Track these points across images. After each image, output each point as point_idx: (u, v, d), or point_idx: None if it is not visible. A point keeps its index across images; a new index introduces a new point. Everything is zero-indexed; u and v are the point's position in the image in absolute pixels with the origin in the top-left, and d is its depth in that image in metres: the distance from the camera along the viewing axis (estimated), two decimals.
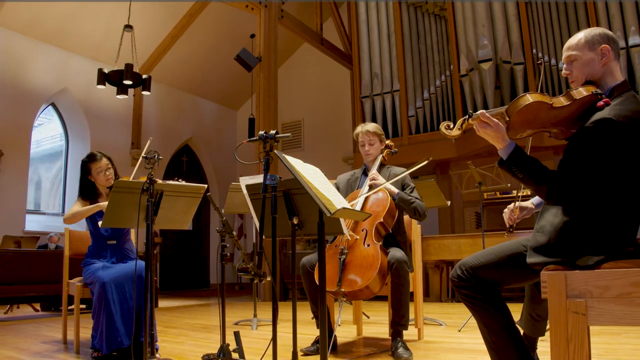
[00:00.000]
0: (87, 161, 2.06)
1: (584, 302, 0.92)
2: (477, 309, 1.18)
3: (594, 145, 1.00)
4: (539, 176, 1.05)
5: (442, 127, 1.17)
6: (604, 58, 1.11)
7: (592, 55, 1.11)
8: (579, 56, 1.12)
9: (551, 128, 1.13)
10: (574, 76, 1.15)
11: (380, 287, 1.77)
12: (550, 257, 1.04)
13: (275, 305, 1.35)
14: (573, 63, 1.14)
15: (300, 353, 1.80)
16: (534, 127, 1.12)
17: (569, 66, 1.15)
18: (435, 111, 5.19)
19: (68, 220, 1.98)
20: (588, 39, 1.12)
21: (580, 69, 1.13)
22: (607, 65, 1.11)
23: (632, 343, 1.90)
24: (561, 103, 1.07)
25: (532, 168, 1.06)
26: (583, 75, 1.13)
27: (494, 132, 1.07)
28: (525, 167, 1.06)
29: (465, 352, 1.84)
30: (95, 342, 1.81)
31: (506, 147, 1.07)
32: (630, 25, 4.18)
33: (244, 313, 3.51)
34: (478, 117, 1.09)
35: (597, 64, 1.11)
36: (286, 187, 1.40)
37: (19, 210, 4.96)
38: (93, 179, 2.06)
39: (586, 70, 1.12)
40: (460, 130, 1.14)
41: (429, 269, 4.12)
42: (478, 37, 4.74)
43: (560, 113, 1.07)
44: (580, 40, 1.13)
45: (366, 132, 2.05)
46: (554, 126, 1.12)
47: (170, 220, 1.76)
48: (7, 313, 3.86)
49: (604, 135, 1.00)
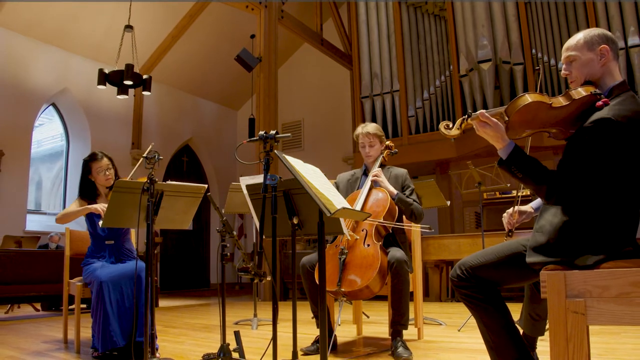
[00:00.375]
0: (88, 160, 2.07)
1: (583, 302, 0.93)
2: (476, 309, 1.19)
3: (593, 145, 1.01)
4: (538, 176, 1.05)
5: (441, 127, 1.18)
6: (602, 58, 1.11)
7: (591, 56, 1.12)
8: (578, 56, 1.13)
9: (550, 128, 1.14)
10: (573, 76, 1.15)
11: (380, 287, 1.77)
12: (550, 256, 1.05)
13: (275, 305, 1.36)
14: (572, 63, 1.15)
15: (300, 352, 1.80)
16: (533, 127, 1.13)
17: (568, 66, 1.16)
18: (435, 111, 5.20)
19: (59, 220, 1.99)
20: (587, 40, 1.12)
21: (580, 69, 1.13)
22: (606, 66, 1.12)
23: (632, 343, 1.90)
24: (560, 103, 1.07)
25: (532, 168, 1.06)
26: (582, 75, 1.13)
27: (494, 131, 1.08)
28: (524, 167, 1.06)
29: (465, 352, 1.85)
30: (95, 341, 1.81)
31: (505, 146, 1.08)
32: (630, 26, 4.19)
33: (244, 313, 3.52)
34: (477, 117, 1.09)
35: (596, 65, 1.12)
36: (286, 187, 1.41)
37: (20, 210, 4.97)
38: (93, 178, 2.07)
39: (585, 70, 1.12)
40: (459, 130, 1.14)
41: (428, 268, 4.13)
42: (478, 38, 4.75)
43: (560, 113, 1.08)
44: (579, 41, 1.13)
45: (366, 133, 2.06)
46: (553, 126, 1.13)
47: (170, 220, 1.77)
48: (8, 313, 3.86)
49: (603, 135, 1.00)
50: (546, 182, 1.04)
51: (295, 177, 1.31)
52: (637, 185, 1.04)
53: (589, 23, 4.33)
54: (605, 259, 0.99)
